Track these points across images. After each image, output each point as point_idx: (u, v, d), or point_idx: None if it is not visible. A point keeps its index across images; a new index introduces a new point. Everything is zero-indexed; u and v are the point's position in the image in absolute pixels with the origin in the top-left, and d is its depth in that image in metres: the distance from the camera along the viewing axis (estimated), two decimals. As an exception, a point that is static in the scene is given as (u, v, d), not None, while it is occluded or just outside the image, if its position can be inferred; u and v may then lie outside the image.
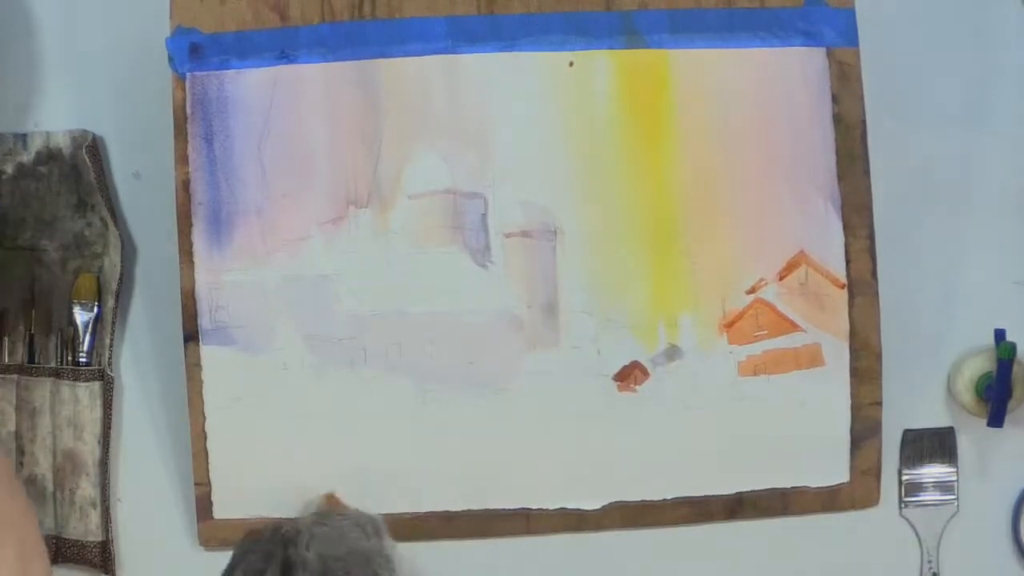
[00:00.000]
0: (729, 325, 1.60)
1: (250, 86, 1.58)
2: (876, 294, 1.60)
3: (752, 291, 1.60)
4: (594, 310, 1.59)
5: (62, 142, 1.61)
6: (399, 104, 1.58)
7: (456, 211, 1.59)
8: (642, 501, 1.61)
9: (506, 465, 1.60)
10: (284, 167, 1.58)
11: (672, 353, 1.60)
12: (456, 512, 1.61)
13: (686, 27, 1.59)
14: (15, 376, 1.61)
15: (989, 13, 1.66)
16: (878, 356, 1.61)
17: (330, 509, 1.48)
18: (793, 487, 1.62)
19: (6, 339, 1.62)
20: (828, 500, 1.62)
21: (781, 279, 1.60)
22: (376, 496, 1.59)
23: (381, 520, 1.37)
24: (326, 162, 1.58)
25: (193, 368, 1.58)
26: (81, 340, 1.61)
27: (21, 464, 1.61)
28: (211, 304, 1.58)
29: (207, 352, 1.58)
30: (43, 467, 1.61)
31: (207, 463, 1.59)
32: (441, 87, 1.58)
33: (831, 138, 1.60)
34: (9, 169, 1.62)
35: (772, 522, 1.62)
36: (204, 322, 1.58)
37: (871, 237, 1.60)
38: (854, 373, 1.61)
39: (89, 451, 1.61)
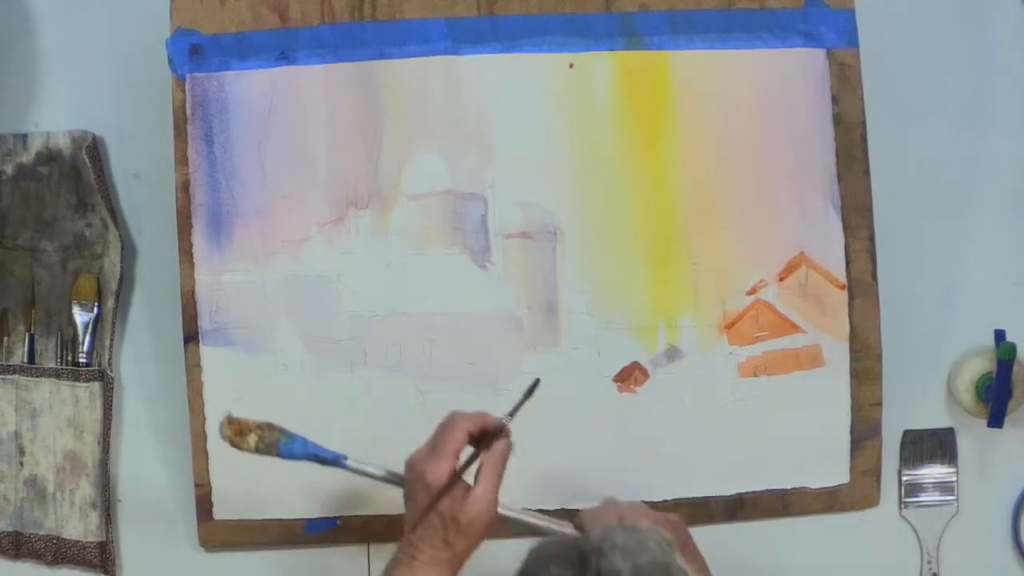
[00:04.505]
0: (729, 326, 1.60)
1: (250, 87, 1.58)
2: (876, 295, 1.60)
3: (752, 292, 1.60)
4: (594, 311, 1.59)
5: (62, 142, 1.61)
6: (399, 105, 1.58)
7: (456, 212, 1.59)
8: (642, 502, 1.61)
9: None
10: (284, 168, 1.58)
11: (672, 354, 1.60)
12: (456, 512, 1.61)
13: (686, 28, 1.58)
14: (15, 376, 1.61)
15: (989, 13, 1.66)
16: (878, 357, 1.61)
17: (620, 521, 1.40)
18: (793, 488, 1.62)
19: (6, 339, 1.62)
20: (828, 501, 1.62)
21: (781, 280, 1.60)
22: (376, 496, 1.60)
23: (671, 536, 1.32)
24: (326, 163, 1.58)
25: (193, 368, 1.58)
26: (81, 340, 1.62)
27: (21, 464, 1.61)
28: (211, 305, 1.58)
29: (207, 352, 1.58)
30: (43, 467, 1.61)
31: (207, 463, 1.59)
32: (441, 88, 1.58)
33: (831, 138, 1.60)
34: (9, 170, 1.62)
35: (772, 523, 1.62)
36: (204, 323, 1.58)
37: (871, 238, 1.60)
38: (854, 374, 1.61)
39: (89, 451, 1.61)
